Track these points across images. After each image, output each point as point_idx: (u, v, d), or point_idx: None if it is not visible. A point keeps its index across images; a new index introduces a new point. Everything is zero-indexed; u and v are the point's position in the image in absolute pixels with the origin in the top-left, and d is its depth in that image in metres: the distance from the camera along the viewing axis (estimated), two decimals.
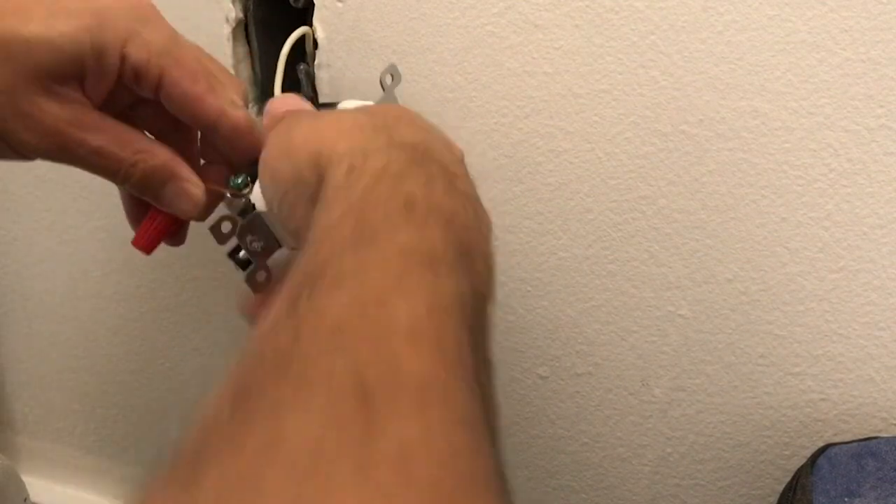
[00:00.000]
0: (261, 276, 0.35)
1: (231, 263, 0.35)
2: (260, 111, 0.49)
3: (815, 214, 0.39)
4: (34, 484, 0.69)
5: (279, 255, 0.35)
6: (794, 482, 0.40)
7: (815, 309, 0.41)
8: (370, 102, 0.39)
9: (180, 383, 0.62)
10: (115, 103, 0.34)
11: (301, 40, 0.45)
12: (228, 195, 0.35)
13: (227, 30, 0.46)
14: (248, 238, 0.34)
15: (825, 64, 0.37)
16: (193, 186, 0.35)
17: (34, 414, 0.70)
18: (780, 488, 0.44)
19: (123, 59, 0.31)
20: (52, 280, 0.62)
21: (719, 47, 0.38)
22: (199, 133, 0.36)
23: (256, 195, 0.34)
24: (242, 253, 0.35)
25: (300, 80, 0.46)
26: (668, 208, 0.42)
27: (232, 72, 0.48)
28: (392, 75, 0.40)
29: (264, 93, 0.49)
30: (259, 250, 0.35)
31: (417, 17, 0.43)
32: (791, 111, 0.38)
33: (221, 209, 0.35)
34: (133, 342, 0.62)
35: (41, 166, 0.57)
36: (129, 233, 0.57)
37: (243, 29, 0.47)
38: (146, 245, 0.37)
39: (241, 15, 0.46)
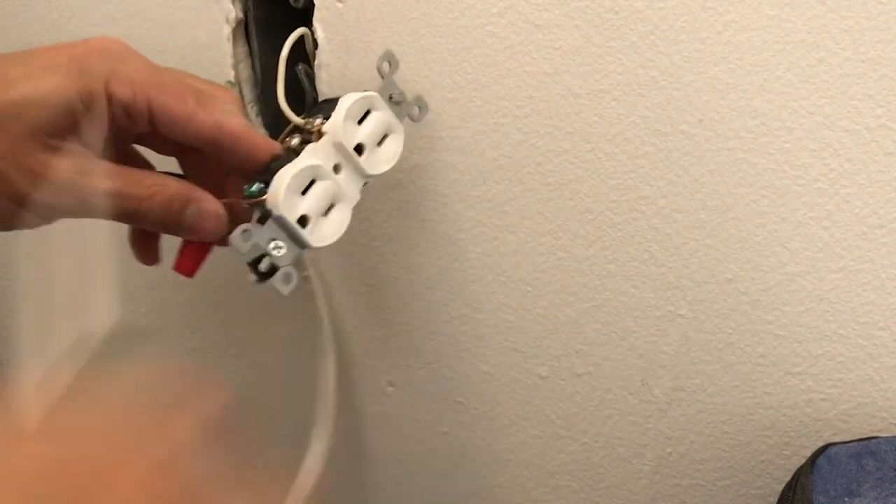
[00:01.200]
0: (288, 279, 0.35)
1: (252, 276, 0.35)
2: (259, 111, 0.49)
3: (815, 214, 0.39)
4: None
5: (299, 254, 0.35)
6: (793, 482, 0.40)
7: (815, 309, 0.41)
8: (373, 93, 0.39)
9: None
10: (118, 146, 0.34)
11: (301, 41, 0.45)
12: (246, 205, 0.36)
13: (227, 30, 0.46)
14: (273, 244, 0.34)
15: (825, 64, 0.37)
16: (212, 204, 0.35)
17: None
18: (780, 488, 0.44)
19: (110, 99, 0.31)
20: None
21: (719, 47, 0.38)
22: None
23: (273, 199, 0.34)
24: (263, 263, 0.35)
25: (301, 80, 0.46)
26: (668, 208, 0.42)
27: (232, 72, 0.48)
28: (389, 62, 0.40)
29: (264, 93, 0.49)
30: (283, 254, 0.35)
31: (417, 17, 0.43)
32: (791, 111, 0.38)
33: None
34: None
35: None
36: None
37: (243, 29, 0.47)
38: (191, 269, 0.37)
39: (241, 15, 0.46)
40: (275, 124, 0.49)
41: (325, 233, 0.37)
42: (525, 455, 0.52)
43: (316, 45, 0.45)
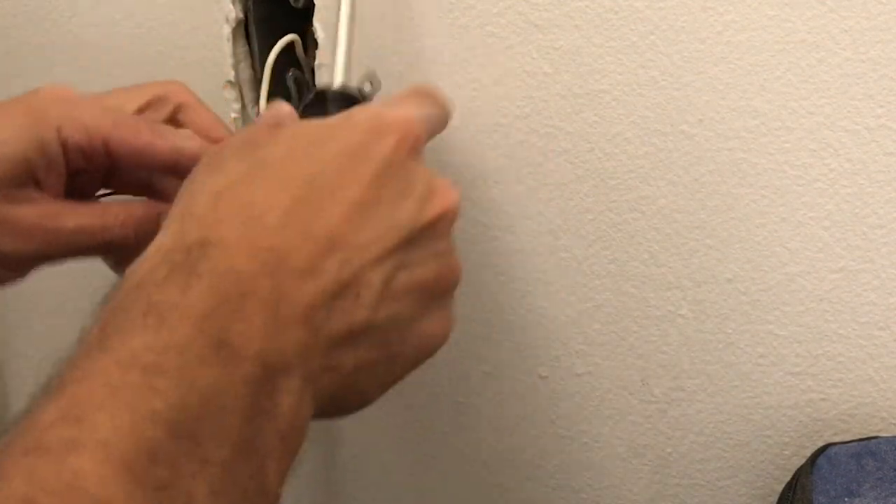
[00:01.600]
0: None
1: None
2: (259, 112, 0.49)
3: (815, 214, 0.39)
4: None
5: None
6: (793, 482, 0.40)
7: (815, 309, 0.41)
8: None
9: None
10: (81, 191, 0.34)
11: (291, 47, 0.45)
12: None
13: (227, 30, 0.46)
14: None
15: (825, 64, 0.37)
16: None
17: None
18: (780, 488, 0.44)
19: (65, 144, 0.31)
20: (52, 280, 0.62)
21: (719, 47, 0.38)
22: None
23: None
24: None
25: (289, 87, 0.46)
26: (668, 208, 0.42)
27: (232, 72, 0.48)
28: (371, 82, 0.40)
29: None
30: None
31: (417, 17, 0.43)
32: (791, 111, 0.38)
33: None
34: None
35: None
36: None
37: (243, 29, 0.47)
38: None
39: (241, 15, 0.46)
40: None
41: None
42: (525, 455, 0.52)
43: (316, 45, 0.45)
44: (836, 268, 0.40)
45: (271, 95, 0.43)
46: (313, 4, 0.44)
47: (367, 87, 0.40)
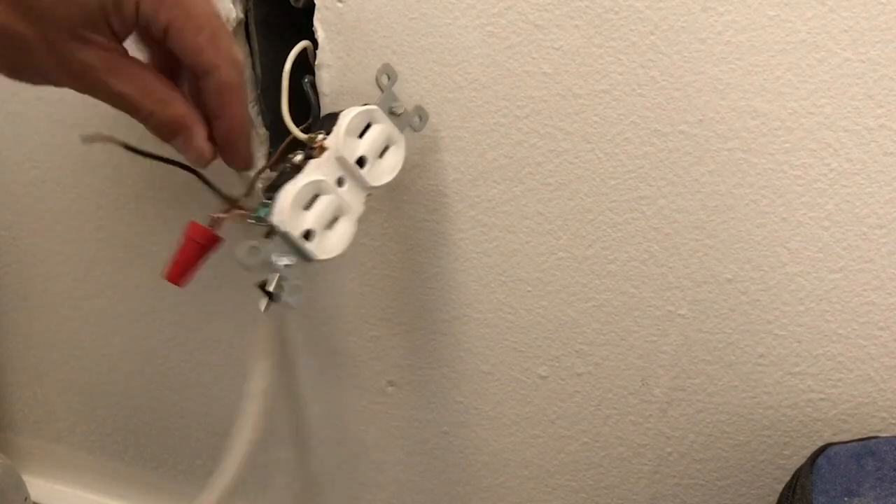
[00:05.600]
0: (297, 291, 0.36)
1: (263, 300, 0.37)
2: (260, 111, 0.49)
3: (815, 214, 0.39)
4: (34, 484, 0.69)
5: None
6: (793, 482, 0.40)
7: (814, 309, 0.41)
8: (373, 106, 0.40)
9: (180, 383, 0.62)
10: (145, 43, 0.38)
11: (304, 53, 0.45)
12: (251, 222, 0.37)
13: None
14: (279, 260, 0.35)
15: (825, 64, 0.37)
16: (199, 141, 0.38)
17: (34, 414, 0.70)
18: (780, 488, 0.44)
19: (137, 7, 0.34)
20: (52, 280, 0.62)
21: (719, 47, 0.38)
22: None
23: (278, 215, 0.35)
24: (270, 284, 0.36)
25: (306, 93, 0.46)
26: (668, 208, 0.42)
27: None
28: (388, 75, 0.40)
29: (265, 93, 0.49)
30: (290, 268, 0.36)
31: (417, 17, 0.43)
32: (791, 111, 0.38)
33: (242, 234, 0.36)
34: (133, 342, 0.62)
35: (41, 166, 0.58)
36: (130, 233, 0.58)
37: (243, 29, 0.47)
38: (179, 278, 0.38)
39: (241, 15, 0.46)
40: (275, 124, 0.49)
41: (330, 245, 0.38)
42: (525, 455, 0.52)
43: (316, 45, 0.45)
44: (836, 268, 0.40)
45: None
46: (313, 4, 0.44)
47: (384, 80, 0.40)
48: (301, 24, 0.45)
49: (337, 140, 0.37)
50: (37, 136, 0.56)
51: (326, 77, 0.45)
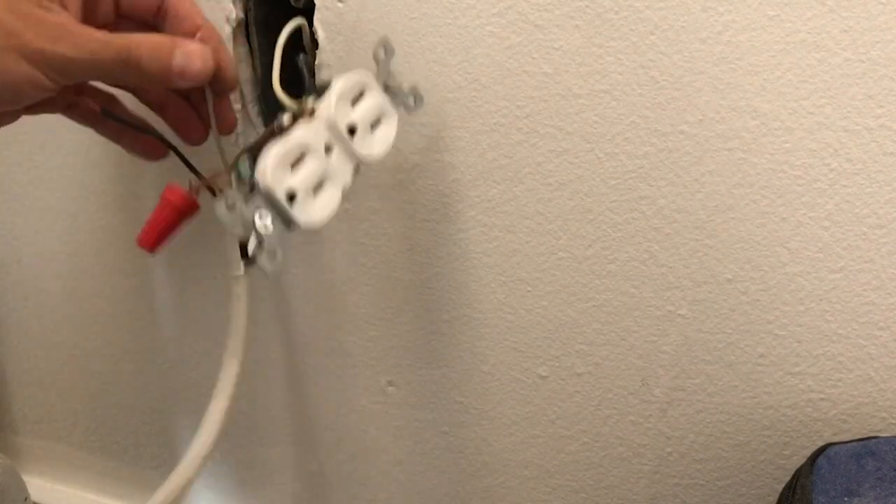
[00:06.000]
0: (272, 257, 0.34)
1: (241, 261, 0.36)
2: (260, 111, 0.49)
3: (815, 214, 0.39)
4: (34, 484, 0.69)
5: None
6: (793, 482, 0.40)
7: (814, 309, 0.41)
8: (368, 72, 0.39)
9: (180, 383, 0.62)
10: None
11: (299, 35, 0.44)
12: (232, 179, 0.36)
13: (227, 30, 0.46)
14: (259, 218, 0.34)
15: (825, 64, 0.37)
16: (196, 46, 0.38)
17: (34, 414, 0.70)
18: (780, 488, 0.44)
19: None
20: (52, 280, 0.62)
21: (719, 47, 0.38)
22: None
23: (261, 173, 0.34)
24: (251, 245, 0.34)
25: (301, 69, 0.45)
26: (668, 208, 0.42)
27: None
28: (385, 48, 0.39)
29: (265, 93, 0.49)
30: (270, 229, 0.34)
31: (417, 17, 0.43)
32: (791, 111, 0.38)
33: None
34: (133, 342, 0.62)
35: (41, 166, 0.58)
36: (130, 233, 0.57)
37: (243, 29, 0.47)
38: (153, 243, 0.37)
39: (241, 15, 0.46)
40: None
41: (314, 211, 0.36)
42: (525, 455, 0.52)
43: (316, 45, 0.45)
44: (836, 268, 0.40)
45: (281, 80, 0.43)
46: (313, 4, 0.44)
47: (380, 53, 0.39)
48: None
49: (328, 104, 0.36)
50: (37, 136, 0.56)
51: (327, 77, 0.45)
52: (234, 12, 0.46)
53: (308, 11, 0.45)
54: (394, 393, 0.54)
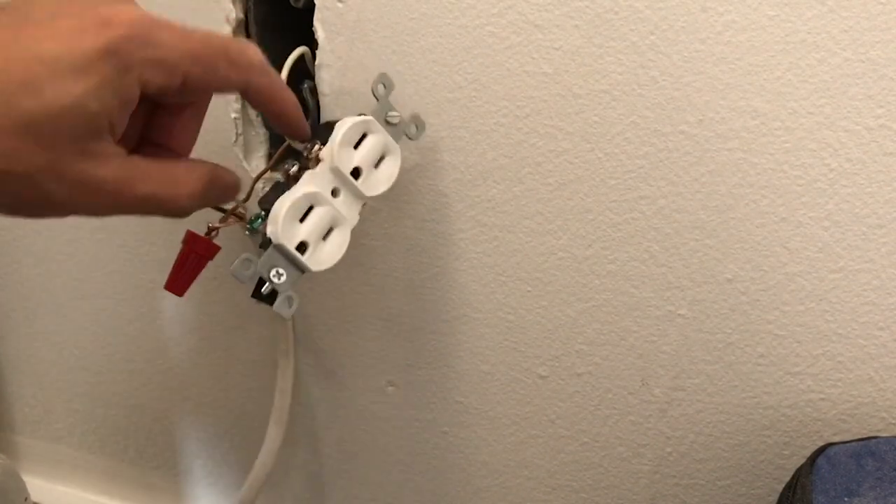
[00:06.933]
0: (290, 302, 0.36)
1: (256, 302, 0.37)
2: (259, 112, 0.49)
3: (815, 214, 0.39)
4: (34, 484, 0.69)
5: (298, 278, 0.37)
6: (793, 482, 0.40)
7: (814, 309, 0.41)
8: (369, 117, 0.39)
9: (180, 383, 0.62)
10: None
11: (301, 58, 0.45)
12: (247, 234, 0.37)
13: (227, 30, 0.46)
14: (273, 270, 0.36)
15: (825, 64, 0.37)
16: (231, 176, 0.35)
17: (34, 414, 0.70)
18: (780, 488, 0.44)
19: (144, 87, 0.30)
20: (52, 280, 0.62)
21: (719, 47, 0.38)
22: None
23: (272, 227, 0.35)
24: (265, 287, 0.36)
25: (305, 99, 0.46)
26: (668, 208, 0.42)
27: None
28: (384, 84, 0.40)
29: None
30: (284, 280, 0.36)
31: (417, 17, 0.43)
32: (791, 111, 0.38)
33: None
34: (133, 342, 0.62)
35: None
36: (130, 233, 0.58)
37: (243, 29, 0.47)
38: (182, 290, 0.38)
39: (241, 15, 0.46)
40: None
41: (324, 256, 0.38)
42: (525, 455, 0.52)
43: (316, 45, 0.45)
44: (835, 268, 0.40)
45: None
46: (313, 4, 0.44)
47: (380, 89, 0.40)
48: (301, 24, 0.45)
49: (332, 152, 0.38)
50: None
51: (326, 77, 0.45)
52: (234, 12, 0.46)
53: (308, 11, 0.45)
54: (394, 393, 0.54)
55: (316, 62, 0.45)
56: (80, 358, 0.64)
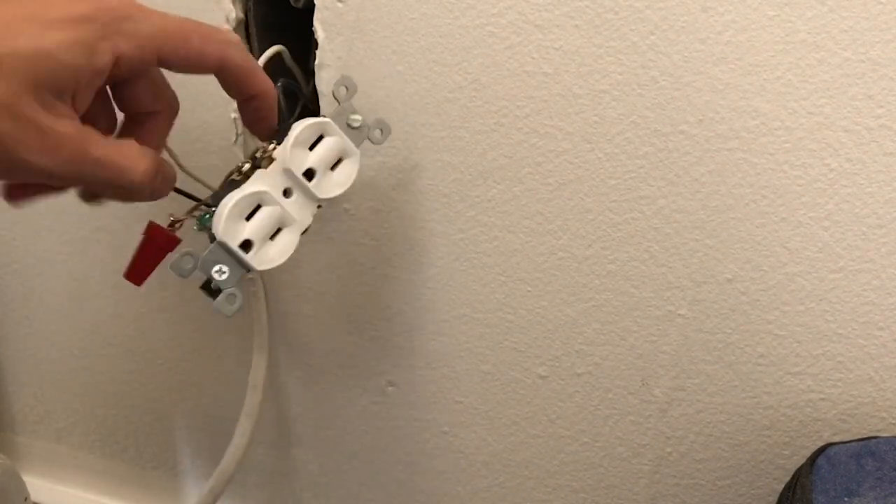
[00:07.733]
0: (232, 300, 0.36)
1: (203, 294, 0.37)
2: None
3: (815, 214, 0.39)
4: (34, 484, 0.69)
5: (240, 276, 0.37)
6: (793, 482, 0.40)
7: (814, 309, 0.41)
8: (326, 119, 0.39)
9: (180, 383, 0.62)
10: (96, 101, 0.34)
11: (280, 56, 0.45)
12: (196, 229, 0.37)
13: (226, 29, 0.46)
14: (216, 267, 0.36)
15: (825, 64, 0.37)
16: (172, 170, 0.36)
17: (34, 414, 0.70)
18: (780, 488, 0.44)
19: (118, 60, 0.31)
20: (52, 280, 0.62)
21: (719, 47, 0.38)
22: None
23: (215, 224, 0.35)
24: (212, 283, 0.36)
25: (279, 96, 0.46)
26: (668, 208, 0.42)
27: None
28: (346, 87, 0.40)
29: None
30: (226, 277, 0.36)
31: (417, 17, 0.43)
32: (791, 111, 0.38)
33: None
34: (133, 342, 0.62)
35: None
36: (129, 234, 0.58)
37: (243, 29, 0.47)
38: (140, 279, 0.38)
39: (241, 15, 0.46)
40: None
41: (269, 256, 0.37)
42: (525, 455, 0.52)
43: (316, 45, 0.45)
44: (835, 268, 0.40)
45: None
46: (313, 4, 0.44)
47: (341, 92, 0.40)
48: (301, 24, 0.45)
49: (284, 152, 0.37)
50: None
51: (326, 77, 0.45)
52: (234, 12, 0.46)
53: (308, 11, 0.45)
54: (394, 393, 0.54)
55: (316, 62, 0.45)
56: (80, 358, 0.64)
